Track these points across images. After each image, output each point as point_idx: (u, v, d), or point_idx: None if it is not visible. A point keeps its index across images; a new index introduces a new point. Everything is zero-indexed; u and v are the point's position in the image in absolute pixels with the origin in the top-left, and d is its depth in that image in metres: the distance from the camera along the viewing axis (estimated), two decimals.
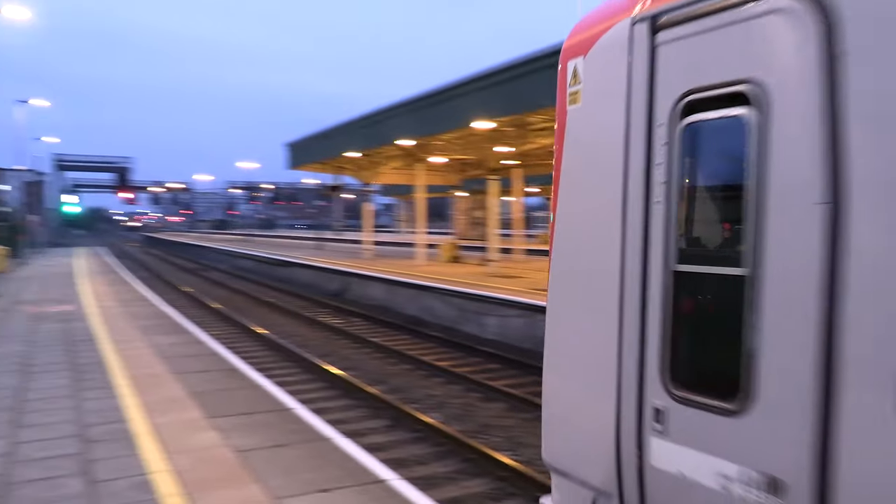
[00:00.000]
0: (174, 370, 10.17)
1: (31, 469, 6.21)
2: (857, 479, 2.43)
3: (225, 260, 47.05)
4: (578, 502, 3.85)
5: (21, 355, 11.47)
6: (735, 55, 2.95)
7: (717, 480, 2.95)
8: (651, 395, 3.29)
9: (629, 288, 3.43)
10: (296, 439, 7.00)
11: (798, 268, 2.66)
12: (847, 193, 2.52)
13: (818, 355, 2.56)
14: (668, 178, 3.24)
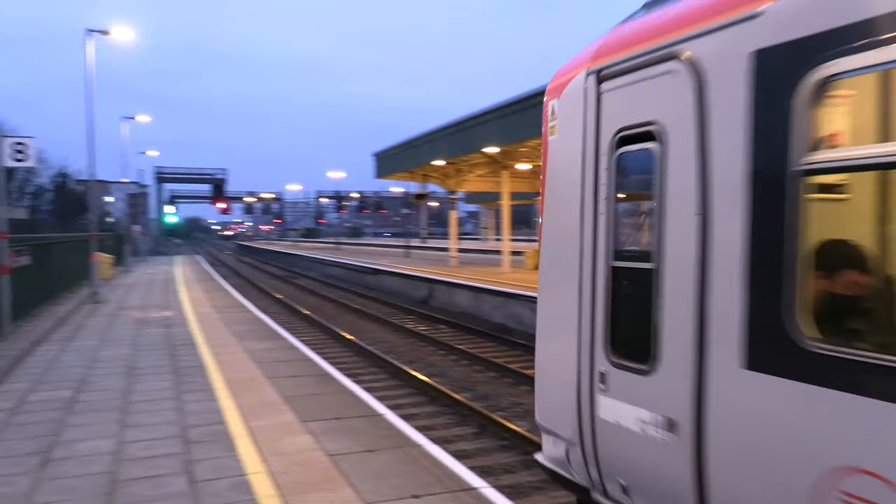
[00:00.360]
0: (268, 374, 10.47)
1: (136, 467, 6.50)
2: (720, 416, 3.37)
3: (314, 267, 48.22)
4: (557, 454, 4.96)
5: (127, 358, 12.06)
6: (646, 102, 3.97)
7: (638, 424, 3.97)
8: (598, 362, 4.35)
9: (584, 280, 4.51)
10: (386, 444, 7.07)
11: (683, 263, 3.62)
12: (711, 207, 3.48)
13: (695, 328, 3.51)
14: (608, 195, 4.31)
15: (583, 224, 4.54)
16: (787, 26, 3.14)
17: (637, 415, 4.01)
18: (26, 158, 14.69)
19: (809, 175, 3.04)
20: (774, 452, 3.12)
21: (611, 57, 4.35)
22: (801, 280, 3.05)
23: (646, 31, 4.16)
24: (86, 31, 24.60)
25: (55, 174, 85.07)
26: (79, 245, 27.13)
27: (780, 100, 3.16)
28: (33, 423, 8.06)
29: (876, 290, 3.34)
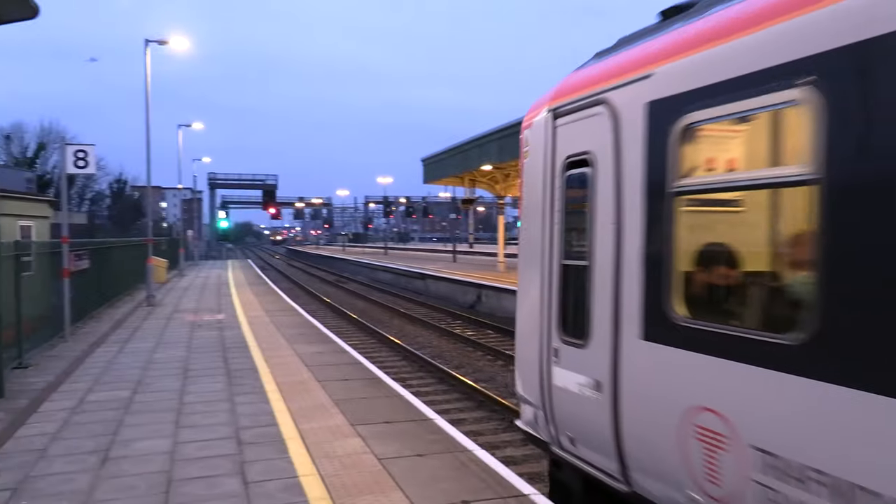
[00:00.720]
0: (318, 378, 10.58)
1: (191, 467, 6.63)
2: (627, 375, 4.52)
3: (362, 272, 48.64)
4: (530, 418, 6.10)
5: (181, 360, 12.33)
6: (584, 136, 5.15)
7: (577, 387, 5.14)
8: (553, 340, 5.55)
9: (545, 276, 5.72)
10: (435, 449, 7.08)
11: (605, 262, 4.77)
12: (619, 216, 4.62)
13: (612, 311, 4.64)
14: (560, 207, 5.53)
15: (543, 230, 5.79)
16: (665, 86, 4.29)
17: (577, 380, 5.20)
18: (87, 165, 15.16)
19: (679, 195, 4.14)
20: (657, 398, 4.31)
21: (563, 99, 5.58)
22: (674, 275, 4.19)
23: (585, 80, 5.37)
24: (145, 42, 25.30)
25: (113, 180, 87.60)
26: (135, 249, 27.89)
27: (661, 138, 4.26)
28: (93, 422, 8.29)
29: (728, 282, 4.35)
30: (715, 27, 4.09)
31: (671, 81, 4.27)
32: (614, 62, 5.12)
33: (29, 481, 6.32)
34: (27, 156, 71.36)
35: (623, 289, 4.59)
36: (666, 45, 4.52)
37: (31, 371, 11.50)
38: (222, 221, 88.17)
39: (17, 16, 3.17)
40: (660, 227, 4.29)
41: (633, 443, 4.59)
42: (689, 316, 4.09)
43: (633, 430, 4.57)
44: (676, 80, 4.22)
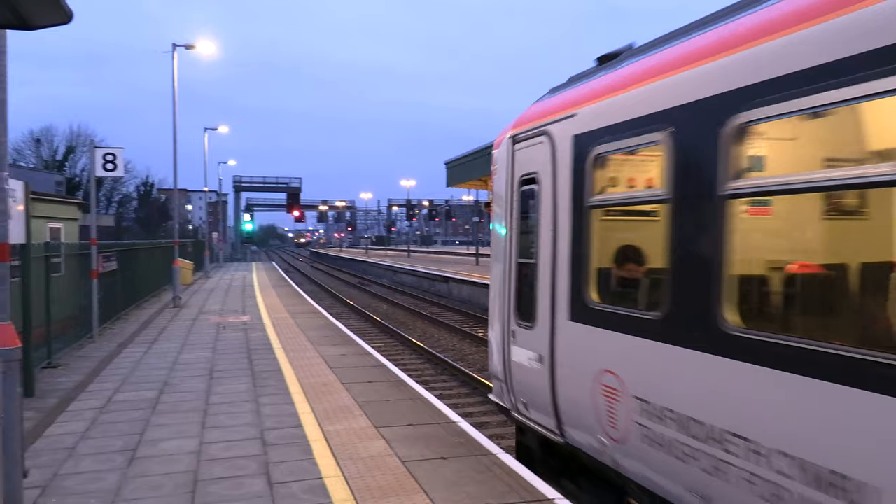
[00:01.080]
0: (342, 380, 10.62)
1: (217, 467, 6.68)
2: (559, 348, 5.84)
3: (385, 275, 48.77)
4: (497, 390, 7.56)
5: (207, 361, 12.44)
6: (533, 159, 6.45)
7: (527, 361, 6.47)
8: (512, 324, 6.90)
9: (506, 271, 7.14)
10: (459, 452, 7.06)
11: (545, 260, 6.05)
12: (555, 224, 5.93)
13: (550, 299, 5.90)
14: (517, 216, 6.86)
15: (506, 234, 7.24)
16: (584, 123, 5.68)
17: (527, 355, 6.55)
18: (116, 168, 15.36)
19: (593, 208, 5.50)
20: (579, 365, 5.66)
21: (520, 128, 6.93)
22: (591, 270, 5.52)
23: (536, 114, 6.71)
24: (172, 46, 25.62)
25: (140, 183, 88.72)
26: (161, 251, 28.22)
27: (581, 163, 5.62)
28: (120, 421, 8.38)
29: (623, 275, 5.61)
30: (614, 82, 5.58)
31: (587, 120, 5.67)
32: (556, 101, 6.50)
33: (58, 479, 6.41)
34: (56, 159, 72.55)
35: (558, 281, 5.99)
36: (586, 91, 5.98)
37: (60, 371, 11.66)
38: (247, 224, 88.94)
39: (52, 21, 3.21)
40: (580, 233, 5.66)
41: (564, 402, 5.97)
42: (598, 301, 5.49)
43: (564, 392, 5.94)
44: (590, 119, 5.63)
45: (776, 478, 3.67)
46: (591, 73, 6.28)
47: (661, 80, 4.76)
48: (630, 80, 5.24)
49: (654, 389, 4.71)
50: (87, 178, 58.20)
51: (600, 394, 5.27)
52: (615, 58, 6.11)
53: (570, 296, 5.74)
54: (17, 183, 8.97)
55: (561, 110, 6.15)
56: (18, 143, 69.33)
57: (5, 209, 6.04)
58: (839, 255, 4.42)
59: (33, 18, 3.23)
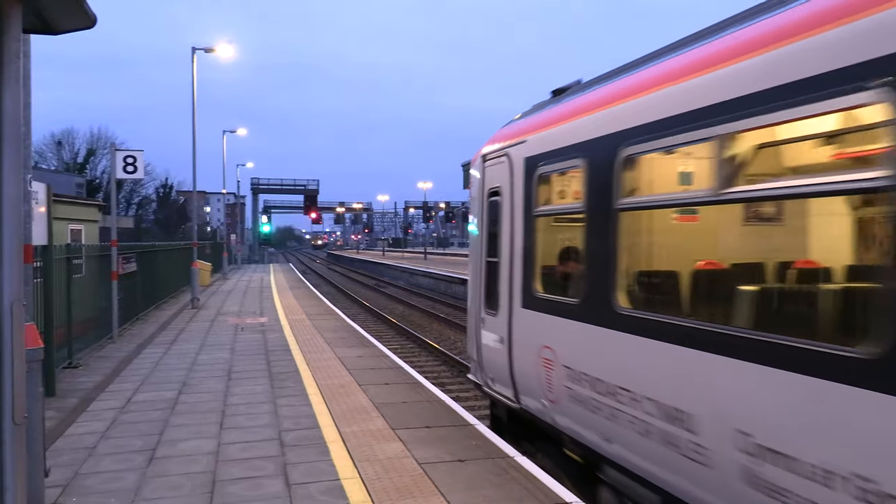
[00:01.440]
0: (359, 381, 10.65)
1: (235, 468, 6.72)
2: (514, 330, 7.29)
3: (402, 277, 48.82)
4: (473, 369, 8.99)
5: (225, 362, 12.52)
6: (497, 176, 7.85)
7: (493, 343, 7.86)
8: (482, 312, 8.28)
9: (479, 268, 8.50)
10: (476, 455, 7.06)
11: (505, 259, 7.50)
12: (512, 229, 7.41)
13: (508, 291, 7.36)
14: (487, 222, 8.26)
15: (479, 237, 8.71)
16: (531, 149, 7.08)
17: (492, 338, 8.00)
18: (136, 170, 15.50)
19: (537, 217, 6.92)
20: (527, 343, 7.00)
21: (489, 148, 8.48)
22: (536, 266, 6.94)
23: (501, 137, 8.21)
24: (192, 49, 25.81)
25: (159, 185, 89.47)
26: (180, 253, 28.42)
27: (529, 181, 7.06)
28: (140, 421, 8.46)
29: (557, 269, 7.01)
30: (553, 115, 7.02)
31: (534, 146, 7.13)
32: (515, 127, 7.97)
33: (78, 478, 6.48)
34: (77, 161, 73.38)
35: (514, 275, 7.41)
36: (535, 121, 7.45)
37: (80, 371, 11.79)
38: (264, 226, 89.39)
39: (76, 25, 3.25)
40: (529, 236, 7.14)
41: (518, 375, 7.33)
42: (541, 291, 6.91)
43: (518, 366, 7.32)
44: (536, 145, 7.10)
45: (645, 416, 5.03)
46: (544, 104, 7.67)
47: (581, 118, 6.29)
48: (563, 116, 6.77)
49: (575, 358, 6.11)
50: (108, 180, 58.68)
51: (541, 365, 6.71)
52: (564, 92, 7.47)
53: (523, 287, 7.23)
54: (39, 185, 9.09)
55: (517, 136, 7.67)
56: (40, 146, 70.23)
57: (29, 211, 6.12)
58: (690, 255, 5.69)
59: (58, 23, 3.27)
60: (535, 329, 6.87)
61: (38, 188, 8.82)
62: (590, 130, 5.98)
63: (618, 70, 6.32)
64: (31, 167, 6.07)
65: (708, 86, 4.56)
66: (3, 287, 3.05)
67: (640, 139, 5.19)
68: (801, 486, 3.69)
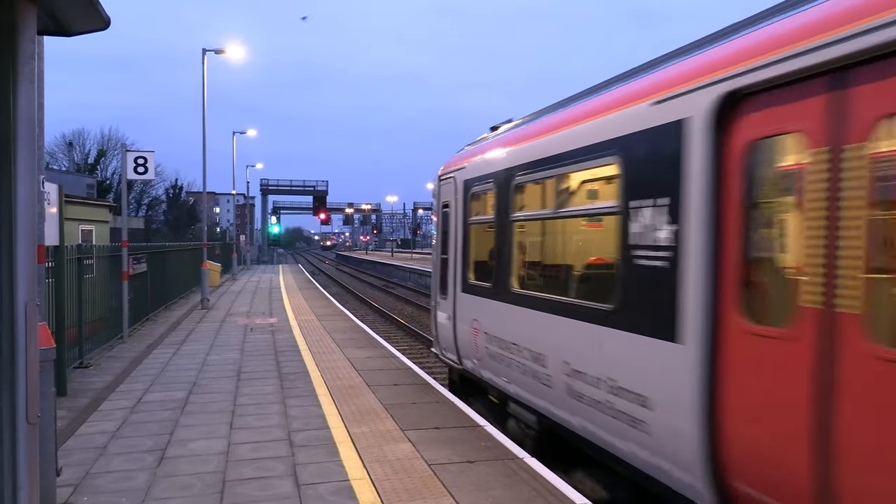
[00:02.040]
0: (368, 382, 10.66)
1: (245, 468, 6.74)
2: (458, 309, 9.79)
3: (410, 277, 48.82)
4: (434, 344, 11.44)
5: (235, 362, 12.56)
6: (448, 193, 10.39)
7: (444, 320, 10.48)
8: (437, 297, 10.98)
9: (436, 263, 11.04)
10: (485, 456, 7.06)
11: (451, 256, 10.19)
12: (456, 234, 9.97)
13: (454, 280, 9.95)
14: (442, 229, 10.79)
15: (437, 240, 10.99)
16: (468, 174, 9.52)
17: (444, 316, 10.37)
18: (146, 171, 15.57)
19: (471, 225, 9.45)
20: (464, 317, 9.41)
21: (444, 171, 10.67)
22: (469, 261, 9.42)
23: (451, 162, 10.44)
24: (202, 51, 25.91)
25: (169, 186, 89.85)
26: (190, 253, 28.52)
27: (466, 198, 9.57)
28: (150, 421, 8.49)
29: (482, 264, 9.01)
30: (481, 149, 9.47)
31: (469, 172, 9.55)
32: (461, 155, 10.45)
33: (89, 478, 6.50)
34: (88, 162, 73.76)
35: (457, 269, 9.90)
36: (472, 151, 9.92)
37: (91, 371, 11.84)
38: (274, 227, 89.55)
39: (89, 27, 3.27)
40: (465, 239, 9.65)
41: (460, 343, 9.73)
42: (472, 279, 9.33)
43: (459, 336, 9.74)
44: (470, 171, 9.51)
45: (525, 361, 7.41)
46: (482, 138, 10.17)
47: (495, 153, 8.84)
48: (487, 150, 9.24)
49: (490, 326, 8.56)
50: (118, 180, 58.79)
51: (472, 333, 9.13)
52: (496, 129, 9.91)
53: (462, 277, 9.71)
54: (51, 186, 9.13)
55: (461, 163, 10.15)
56: (51, 147, 70.67)
57: (41, 212, 6.15)
58: (545, 253, 8.12)
59: (71, 25, 3.29)
60: (469, 307, 9.39)
61: (50, 189, 8.87)
62: (499, 163, 8.49)
63: (529, 116, 8.81)
64: (44, 168, 6.11)
65: (549, 143, 7.23)
66: (16, 287, 3.07)
67: (522, 172, 7.79)
68: (587, 389, 6.10)
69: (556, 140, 7.04)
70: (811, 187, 4.01)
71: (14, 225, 3.03)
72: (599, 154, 6.10)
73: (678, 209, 5.02)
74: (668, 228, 5.14)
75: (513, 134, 8.56)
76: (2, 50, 2.95)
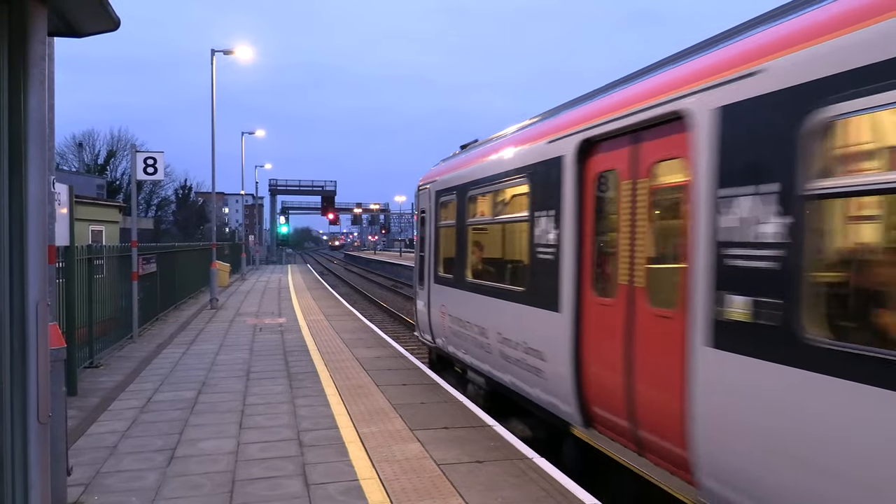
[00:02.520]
0: (377, 382, 10.66)
1: (254, 468, 6.75)
2: (430, 297, 12.27)
3: None
4: (415, 328, 14.34)
5: (244, 362, 12.59)
6: (424, 200, 13.01)
7: (421, 307, 13.09)
8: (417, 288, 13.68)
9: (417, 259, 13.78)
10: (494, 456, 7.05)
11: (427, 252, 12.64)
12: (430, 235, 12.49)
13: (428, 273, 12.48)
14: (420, 230, 13.49)
15: (418, 240, 13.59)
16: (438, 186, 11.93)
17: (422, 303, 13.02)
18: (156, 172, 15.63)
19: (440, 228, 11.88)
20: (434, 304, 11.91)
21: (421, 183, 13.16)
22: (438, 257, 11.88)
23: (427, 176, 12.95)
24: (211, 52, 25.98)
25: (178, 186, 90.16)
26: (199, 254, 28.60)
27: (437, 204, 11.98)
28: (160, 421, 8.52)
29: (450, 259, 11.07)
30: (449, 166, 11.79)
31: (439, 185, 11.66)
32: (435, 170, 12.63)
33: (100, 477, 6.53)
34: (98, 163, 74.12)
35: (431, 264, 12.02)
36: (442, 168, 12.12)
37: (101, 370, 11.90)
38: (282, 227, 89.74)
39: (99, 28, 3.28)
40: (437, 240, 11.84)
41: (433, 325, 11.79)
42: (442, 272, 11.48)
43: (433, 319, 11.87)
44: (440, 184, 11.59)
45: (475, 335, 9.57)
46: (453, 155, 12.49)
47: (458, 170, 10.92)
48: (453, 167, 11.42)
49: (453, 309, 10.75)
50: (128, 181, 58.97)
51: (441, 317, 11.44)
52: (465, 147, 12.05)
53: (434, 271, 12.06)
54: (62, 187, 9.17)
55: (434, 176, 12.41)
56: (62, 148, 71.04)
57: (52, 212, 6.18)
58: (489, 250, 10.19)
59: (82, 26, 3.30)
60: (439, 295, 11.66)
61: (60, 190, 8.90)
62: (459, 178, 10.72)
63: (485, 140, 10.92)
64: (55, 169, 6.14)
65: (491, 164, 9.42)
66: (27, 287, 3.08)
67: (474, 187, 10.01)
68: (512, 352, 8.22)
69: (494, 163, 9.28)
70: (623, 207, 6.06)
71: (25, 225, 3.05)
72: (519, 176, 8.32)
73: (559, 219, 7.08)
74: (553, 232, 7.21)
75: (470, 154, 10.83)
76: (12, 51, 2.97)
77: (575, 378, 6.66)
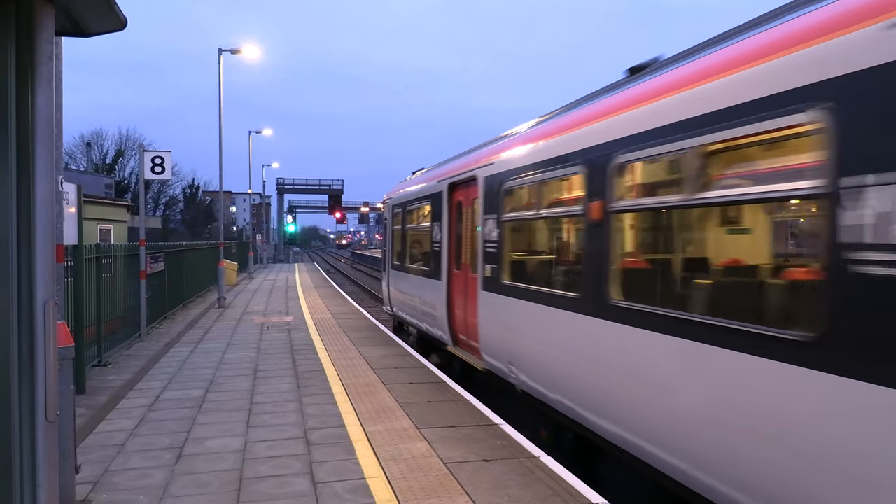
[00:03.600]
0: (384, 380, 10.67)
1: (262, 466, 6.77)
2: (391, 281, 17.61)
3: None
4: (384, 302, 19.72)
5: (252, 361, 12.62)
6: (387, 209, 19.79)
7: (385, 287, 18.78)
8: (383, 272, 19.47)
9: (383, 252, 20.59)
10: (501, 455, 7.05)
11: (387, 247, 18.67)
12: (387, 235, 18.67)
13: (389, 263, 18.66)
14: (383, 233, 20.25)
15: (384, 238, 19.83)
16: (395, 200, 17.30)
17: (385, 284, 18.72)
18: (164, 171, 15.68)
19: (394, 230, 17.29)
20: (396, 289, 16.89)
21: (388, 197, 18.80)
22: (394, 251, 17.33)
23: (391, 192, 18.60)
24: (218, 51, 26.05)
25: (186, 185, 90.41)
26: (207, 252, 28.68)
27: (394, 214, 17.33)
28: (168, 419, 8.55)
29: (413, 253, 15.41)
30: (404, 185, 17.00)
31: (394, 200, 17.52)
32: (398, 187, 17.85)
33: (108, 475, 6.56)
34: (106, 162, 74.38)
35: (390, 256, 17.86)
36: (399, 187, 17.58)
37: (109, 369, 11.94)
38: (289, 226, 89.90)
39: (107, 28, 3.29)
40: (393, 239, 17.54)
41: (392, 298, 17.38)
42: (395, 261, 17.00)
43: (392, 294, 17.41)
44: (394, 200, 17.45)
45: (411, 303, 14.86)
46: (408, 179, 16.60)
47: (403, 189, 16.55)
48: (402, 186, 16.90)
49: (399, 286, 16.04)
50: (136, 180, 59.09)
51: (395, 292, 16.67)
52: (415, 173, 16.02)
53: (390, 260, 17.26)
54: (70, 186, 9.20)
55: (392, 194, 17.68)
56: (70, 147, 71.26)
57: (60, 211, 6.20)
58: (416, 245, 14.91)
59: (89, 26, 3.31)
60: (393, 277, 16.81)
61: (69, 189, 8.93)
62: (403, 196, 15.94)
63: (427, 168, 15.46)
64: (63, 168, 6.17)
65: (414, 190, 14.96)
66: (36, 286, 3.09)
67: (409, 203, 15.25)
68: (426, 309, 13.39)
69: (417, 189, 14.74)
70: (465, 221, 11.20)
71: (33, 224, 3.06)
72: (427, 200, 13.56)
73: (442, 225, 12.18)
74: (439, 234, 12.29)
75: (412, 179, 16.18)
76: (20, 50, 2.98)
77: (448, 318, 11.75)
